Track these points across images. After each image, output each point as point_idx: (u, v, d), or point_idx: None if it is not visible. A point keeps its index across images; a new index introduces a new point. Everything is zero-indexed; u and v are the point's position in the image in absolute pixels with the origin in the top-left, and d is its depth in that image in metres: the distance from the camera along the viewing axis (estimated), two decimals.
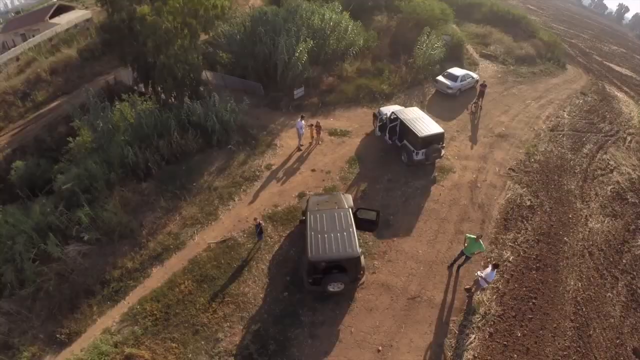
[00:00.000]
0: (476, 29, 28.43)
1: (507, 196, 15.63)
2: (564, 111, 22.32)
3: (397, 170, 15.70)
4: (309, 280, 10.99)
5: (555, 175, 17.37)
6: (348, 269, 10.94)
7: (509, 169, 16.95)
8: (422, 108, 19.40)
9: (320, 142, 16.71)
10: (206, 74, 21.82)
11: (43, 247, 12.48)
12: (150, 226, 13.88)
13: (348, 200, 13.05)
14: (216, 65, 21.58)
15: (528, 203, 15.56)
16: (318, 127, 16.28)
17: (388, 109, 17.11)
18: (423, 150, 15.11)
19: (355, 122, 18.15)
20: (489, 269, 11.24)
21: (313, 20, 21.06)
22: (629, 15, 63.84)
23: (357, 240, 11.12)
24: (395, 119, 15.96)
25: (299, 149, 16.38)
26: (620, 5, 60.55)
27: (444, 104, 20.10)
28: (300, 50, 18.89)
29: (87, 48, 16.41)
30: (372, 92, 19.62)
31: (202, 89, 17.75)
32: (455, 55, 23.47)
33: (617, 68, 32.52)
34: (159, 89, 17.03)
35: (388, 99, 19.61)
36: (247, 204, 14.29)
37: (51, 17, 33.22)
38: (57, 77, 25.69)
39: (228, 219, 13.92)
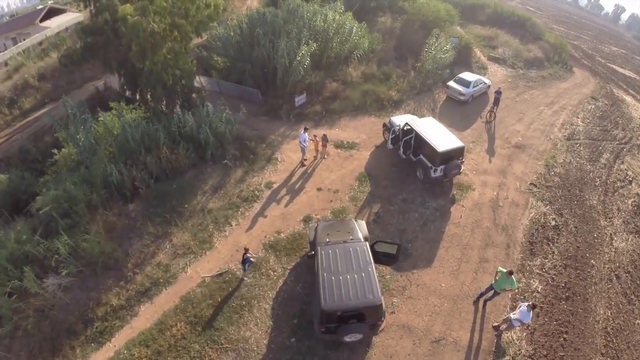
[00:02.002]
0: (482, 31, 25.93)
1: (531, 215, 13.49)
2: (578, 118, 20.09)
3: (412, 188, 13.37)
4: (321, 329, 8.73)
5: (577, 190, 15.26)
6: (367, 317, 8.69)
7: (530, 184, 14.77)
8: (433, 116, 17.01)
9: (325, 156, 14.31)
10: (200, 80, 19.22)
11: (18, 284, 10.36)
12: (137, 255, 11.53)
13: (362, 227, 10.74)
14: (211, 70, 18.99)
15: (553, 223, 13.49)
16: (324, 139, 13.85)
17: (400, 119, 14.69)
18: (442, 167, 12.78)
19: (363, 132, 15.72)
20: (523, 308, 9.21)
21: (315, 21, 18.48)
22: (624, 16, 61.55)
23: (377, 284, 8.85)
24: (409, 131, 13.57)
25: (302, 164, 13.98)
26: (617, 6, 58.02)
27: (456, 111, 17.72)
28: (302, 54, 16.36)
29: (66, 54, 13.75)
30: (380, 99, 17.18)
31: (194, 96, 15.20)
32: (463, 58, 21.04)
33: (621, 70, 30.28)
34: (148, 96, 14.48)
35: (397, 106, 17.17)
36: (245, 230, 11.93)
37: (42, 20, 30.22)
38: (45, 83, 22.96)
39: (224, 247, 11.57)
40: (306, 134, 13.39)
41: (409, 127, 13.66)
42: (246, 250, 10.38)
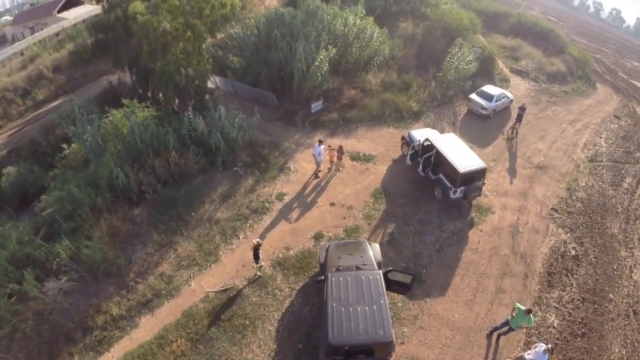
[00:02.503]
0: (504, 41, 24.54)
1: (551, 244, 12.56)
2: (601, 137, 18.84)
3: (429, 208, 12.45)
4: None
5: (598, 217, 14.24)
6: (376, 353, 7.92)
7: (551, 208, 13.78)
8: (454, 130, 15.97)
9: (340, 169, 13.41)
10: (215, 80, 18.40)
11: (17, 288, 9.89)
12: (140, 264, 10.88)
13: (375, 251, 9.89)
14: (226, 70, 18.11)
15: (573, 252, 12.56)
16: (340, 151, 12.94)
17: (420, 134, 13.68)
18: (462, 188, 11.83)
19: (381, 144, 14.75)
20: (539, 349, 8.51)
21: (335, 25, 17.43)
22: None
23: (389, 318, 8.04)
24: (429, 147, 12.59)
25: (316, 176, 13.12)
26: (639, 19, 55.36)
27: (477, 126, 16.62)
28: (321, 59, 15.38)
29: (76, 50, 13.01)
30: (399, 110, 16.15)
31: (207, 98, 14.36)
32: (485, 69, 19.83)
33: None
34: (160, 96, 13.69)
35: (416, 118, 16.14)
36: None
37: (60, 11, 29.50)
38: (59, 75, 22.33)
39: (230, 261, 10.83)
40: (321, 147, 12.48)
41: (429, 143, 12.68)
42: (258, 244, 9.82)
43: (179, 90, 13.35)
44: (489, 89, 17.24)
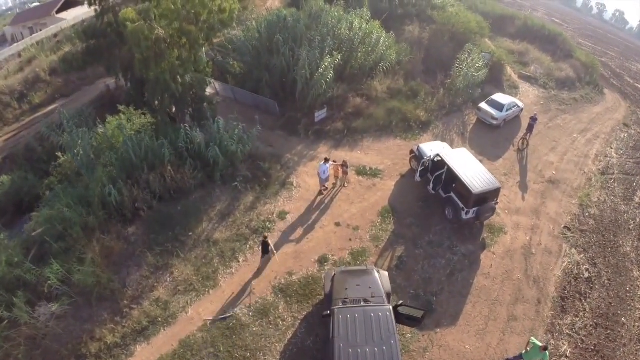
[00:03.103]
0: (512, 45, 23.26)
1: (564, 265, 11.72)
2: (612, 148, 17.79)
3: (439, 228, 11.48)
4: None
5: (611, 234, 13.37)
6: None
7: (564, 227, 12.87)
8: (463, 142, 14.90)
9: (346, 184, 12.40)
10: (214, 85, 17.26)
11: (7, 315, 9.07)
12: (134, 287, 9.97)
13: (384, 281, 8.97)
14: (226, 74, 16.95)
15: (586, 274, 11.77)
16: (345, 165, 11.93)
17: (429, 148, 12.63)
18: (475, 209, 10.85)
19: (388, 157, 13.70)
20: None
21: (340, 29, 16.20)
22: None
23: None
24: (440, 164, 11.55)
25: (320, 193, 12.11)
26: None
27: (487, 136, 15.53)
28: (325, 66, 14.22)
29: (66, 59, 11.88)
30: (407, 119, 15.03)
31: (206, 106, 13.26)
32: (494, 76, 18.65)
33: None
34: (156, 103, 12.61)
35: (424, 128, 15.02)
36: (254, 268, 10.22)
37: (59, 11, 28.06)
38: (56, 78, 21.11)
39: (230, 287, 9.91)
40: (328, 164, 11.44)
41: (440, 159, 11.65)
42: (265, 238, 9.87)
43: (176, 98, 12.27)
44: (499, 97, 16.10)
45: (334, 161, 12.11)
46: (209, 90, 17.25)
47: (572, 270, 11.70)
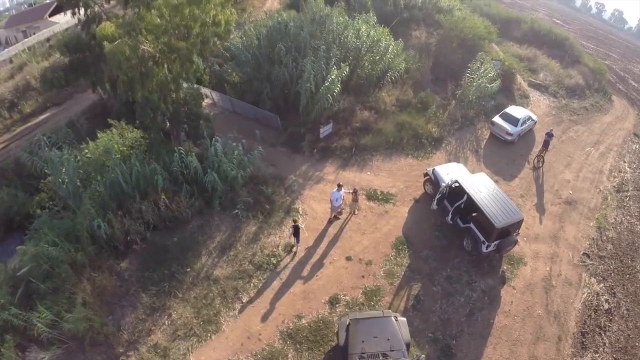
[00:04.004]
0: (519, 50, 21.62)
1: (584, 297, 10.65)
2: (625, 162, 16.49)
3: (457, 261, 10.18)
4: None
5: (629, 259, 12.31)
6: None
7: (583, 253, 11.73)
8: (477, 160, 13.49)
9: (356, 211, 11.00)
10: (212, 95, 15.61)
11: None
12: (130, 330, 8.67)
13: (403, 330, 7.72)
14: (224, 83, 15.26)
15: (605, 306, 10.74)
16: (355, 193, 10.50)
17: (445, 171, 11.19)
18: (496, 242, 9.54)
19: (399, 179, 12.26)
20: None
21: (347, 36, 14.50)
22: None
23: None
24: (459, 192, 10.14)
25: (330, 221, 10.69)
26: None
27: (501, 153, 14.10)
28: (332, 79, 12.61)
29: (46, 78, 10.23)
30: (418, 135, 13.53)
31: (202, 123, 11.67)
32: (504, 85, 17.06)
33: None
34: (147, 122, 11.03)
35: (437, 145, 13.53)
36: (259, 311, 8.87)
37: (51, 14, 25.86)
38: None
39: (233, 331, 8.60)
40: (341, 192, 10.01)
41: (457, 185, 10.24)
42: (295, 222, 9.68)
43: (169, 116, 10.68)
44: (513, 111, 14.60)
45: (338, 185, 10.57)
46: (205, 100, 15.63)
47: (591, 302, 10.62)
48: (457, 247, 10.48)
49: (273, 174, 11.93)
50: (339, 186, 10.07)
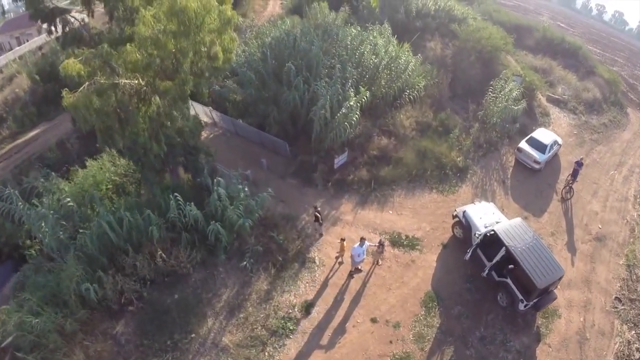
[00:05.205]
0: (534, 61, 19.81)
1: (616, 348, 9.59)
2: None
3: (490, 318, 8.87)
4: None
5: None
6: None
7: (615, 298, 10.60)
8: (505, 193, 11.91)
9: (380, 262, 9.46)
10: (212, 114, 13.66)
11: None
12: None
13: None
14: (225, 101, 13.28)
15: (637, 355, 9.58)
16: (381, 244, 8.92)
17: (477, 214, 9.62)
18: (535, 300, 8.13)
19: (425, 218, 10.69)
20: None
21: (363, 53, 12.51)
22: None
23: None
24: (495, 242, 8.60)
25: (350, 275, 9.13)
26: None
27: (528, 183, 12.59)
28: (351, 106, 10.75)
29: (16, 115, 8.31)
30: (442, 165, 11.92)
31: (202, 157, 9.85)
32: (526, 103, 15.28)
33: None
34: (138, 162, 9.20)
35: (462, 176, 11.93)
36: None
37: None
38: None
39: None
40: (364, 246, 8.45)
41: (494, 235, 8.67)
42: (316, 208, 9.51)
43: (164, 153, 8.84)
44: (540, 135, 12.98)
45: (379, 243, 8.96)
46: (205, 119, 13.68)
47: (623, 352, 9.45)
48: (490, 301, 9.11)
49: (283, 214, 10.26)
50: (362, 240, 8.49)
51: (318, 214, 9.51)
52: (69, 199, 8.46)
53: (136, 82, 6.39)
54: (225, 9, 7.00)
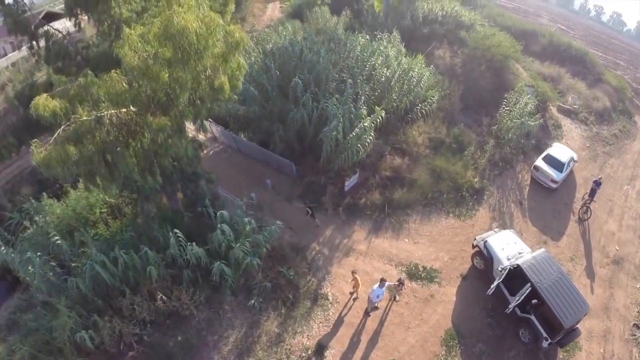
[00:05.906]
0: (541, 68, 18.98)
1: None
2: None
3: (513, 354, 8.25)
4: None
5: None
6: None
7: (634, 324, 10.03)
8: (523, 215, 11.18)
9: (397, 298, 8.70)
10: (212, 129, 12.67)
11: None
12: None
13: None
14: (226, 116, 12.27)
15: None
16: (400, 282, 8.15)
17: (499, 244, 8.89)
18: (559, 338, 7.49)
19: (442, 247, 9.93)
20: None
21: (374, 64, 11.53)
22: None
23: None
24: (519, 277, 7.91)
25: (366, 313, 8.37)
26: None
27: (546, 203, 11.90)
28: (365, 126, 9.83)
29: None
30: (458, 186, 11.12)
31: (202, 184, 8.91)
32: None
33: None
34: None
35: (479, 198, 11.17)
36: None
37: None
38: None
39: None
40: (384, 288, 7.67)
41: (518, 269, 7.95)
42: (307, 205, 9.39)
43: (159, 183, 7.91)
44: (557, 152, 12.26)
45: (399, 282, 8.15)
46: (205, 135, 12.66)
47: None
48: (512, 336, 8.48)
49: (292, 243, 9.42)
50: (382, 281, 7.69)
51: (309, 210, 9.62)
52: (57, 237, 7.50)
53: (124, 110, 5.40)
54: (233, 30, 5.99)
